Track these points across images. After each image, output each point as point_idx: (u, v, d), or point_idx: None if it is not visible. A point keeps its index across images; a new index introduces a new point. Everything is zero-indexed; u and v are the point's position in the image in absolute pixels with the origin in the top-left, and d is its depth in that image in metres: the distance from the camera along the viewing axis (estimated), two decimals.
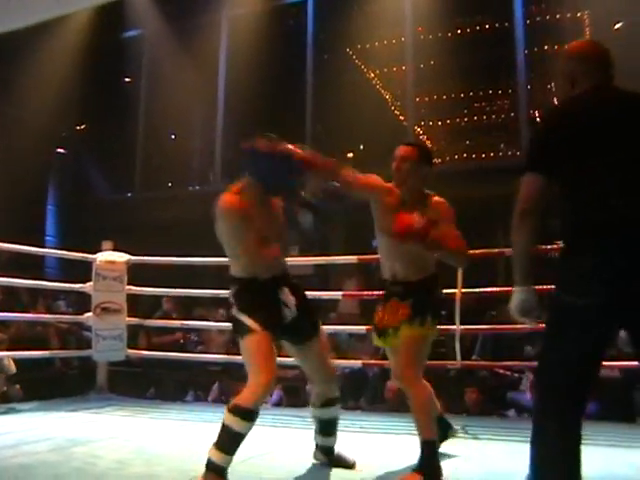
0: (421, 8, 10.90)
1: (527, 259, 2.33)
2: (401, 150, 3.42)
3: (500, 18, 11.20)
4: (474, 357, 6.08)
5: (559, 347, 2.24)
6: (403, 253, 3.35)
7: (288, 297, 3.29)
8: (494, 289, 5.32)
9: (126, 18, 11.34)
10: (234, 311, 3.25)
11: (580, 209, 2.25)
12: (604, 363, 2.56)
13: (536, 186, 2.28)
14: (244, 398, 3.02)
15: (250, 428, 3.02)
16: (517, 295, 2.34)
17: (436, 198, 3.41)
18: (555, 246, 3.92)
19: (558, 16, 10.71)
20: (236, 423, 2.98)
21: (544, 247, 4.27)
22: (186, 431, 4.72)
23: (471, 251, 3.39)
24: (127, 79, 13.14)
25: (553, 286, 2.32)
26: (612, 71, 2.43)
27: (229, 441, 3.00)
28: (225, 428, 3.01)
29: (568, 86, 2.44)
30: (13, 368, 5.88)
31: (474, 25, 11.48)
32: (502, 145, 11.78)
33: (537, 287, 2.35)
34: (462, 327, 5.05)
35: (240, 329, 3.19)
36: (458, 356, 5.07)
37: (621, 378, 5.27)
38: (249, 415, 2.99)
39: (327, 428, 3.52)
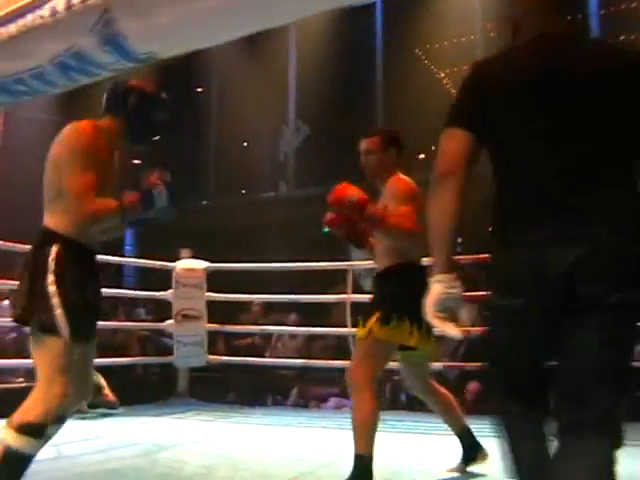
0: (490, 4, 10.74)
1: (447, 235, 1.79)
2: (364, 144, 3.33)
3: (572, 9, 10.92)
4: None
5: (499, 355, 1.85)
6: (375, 243, 3.32)
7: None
8: None
9: None
10: (48, 285, 2.43)
11: (511, 190, 1.80)
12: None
13: (459, 142, 1.81)
14: (34, 413, 2.36)
15: (41, 447, 2.40)
16: (435, 286, 1.76)
17: (395, 177, 3.26)
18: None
19: (634, 5, 10.38)
20: (27, 443, 2.34)
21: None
22: (269, 435, 4.74)
23: None
24: (199, 89, 13.35)
25: (487, 289, 1.89)
26: (562, 18, 1.93)
27: (17, 466, 2.36)
28: (10, 450, 2.33)
29: (510, 34, 2.00)
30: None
31: None
32: None
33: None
34: None
35: (47, 321, 2.42)
36: None
37: None
38: (41, 432, 2.36)
39: None
